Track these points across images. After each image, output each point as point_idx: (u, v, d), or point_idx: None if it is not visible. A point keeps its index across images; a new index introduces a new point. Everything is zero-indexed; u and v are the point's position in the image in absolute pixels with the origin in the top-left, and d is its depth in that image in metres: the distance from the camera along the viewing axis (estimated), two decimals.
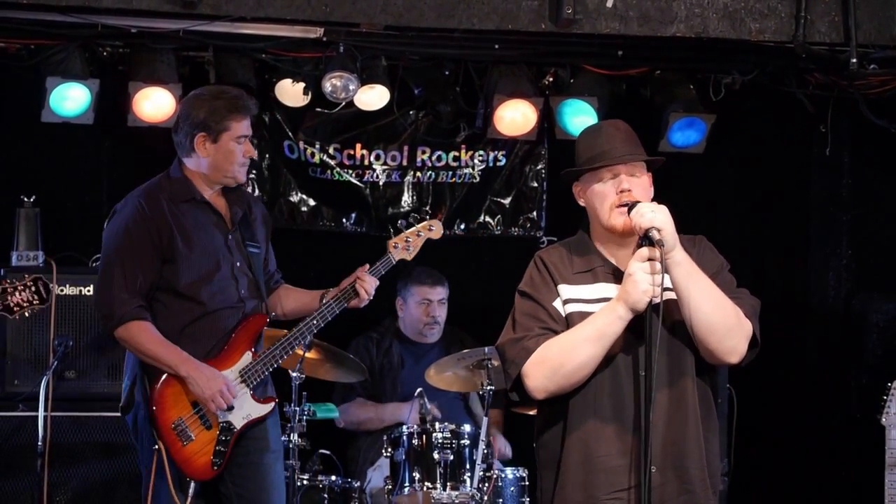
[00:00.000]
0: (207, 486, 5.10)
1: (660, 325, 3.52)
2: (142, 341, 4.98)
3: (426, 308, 6.65)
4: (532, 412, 3.93)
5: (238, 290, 5.10)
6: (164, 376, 5.00)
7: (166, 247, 5.03)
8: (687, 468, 3.67)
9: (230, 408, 5.02)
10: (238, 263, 5.13)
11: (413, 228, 5.50)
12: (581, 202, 3.81)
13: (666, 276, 3.57)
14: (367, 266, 5.31)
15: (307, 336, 5.21)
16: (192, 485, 5.01)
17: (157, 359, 4.99)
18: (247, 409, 5.08)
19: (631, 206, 3.62)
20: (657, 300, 3.52)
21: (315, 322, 5.21)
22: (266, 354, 5.12)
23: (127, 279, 5.00)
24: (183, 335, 5.04)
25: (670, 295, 3.64)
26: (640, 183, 3.72)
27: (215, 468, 5.02)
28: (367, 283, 5.26)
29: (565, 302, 3.71)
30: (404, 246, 5.44)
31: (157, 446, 4.97)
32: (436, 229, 5.54)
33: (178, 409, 5.01)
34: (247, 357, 5.09)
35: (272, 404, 5.15)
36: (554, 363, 3.61)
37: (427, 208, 7.26)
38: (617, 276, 3.68)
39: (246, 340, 5.11)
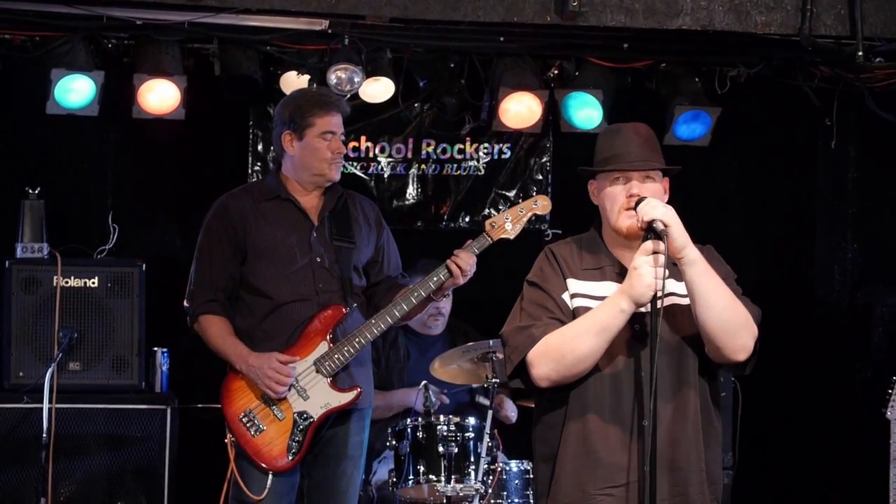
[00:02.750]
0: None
1: (661, 317, 3.51)
2: (209, 336, 5.13)
3: None
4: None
5: (315, 283, 5.12)
6: (229, 370, 5.11)
7: (241, 245, 5.12)
8: (681, 469, 3.67)
9: (300, 394, 5.03)
10: (318, 258, 5.15)
11: (516, 206, 5.22)
12: (595, 200, 3.82)
13: (670, 280, 3.58)
14: (470, 241, 5.13)
15: (387, 322, 5.10)
16: (270, 476, 5.04)
17: (220, 353, 5.12)
18: (325, 398, 5.08)
19: (637, 203, 3.62)
20: (661, 293, 3.51)
21: (400, 307, 5.09)
22: (343, 342, 5.08)
23: (202, 276, 5.16)
24: (259, 330, 5.13)
25: (675, 300, 3.67)
26: (652, 189, 3.71)
27: (291, 458, 5.04)
28: (462, 260, 5.05)
29: (573, 296, 3.72)
30: (502, 224, 5.14)
31: (227, 439, 5.06)
32: (541, 204, 5.22)
33: (245, 401, 5.07)
34: (322, 347, 5.09)
35: (354, 393, 5.11)
36: (556, 353, 3.62)
37: (432, 202, 7.26)
38: (624, 276, 3.66)
39: (322, 331, 5.10)
